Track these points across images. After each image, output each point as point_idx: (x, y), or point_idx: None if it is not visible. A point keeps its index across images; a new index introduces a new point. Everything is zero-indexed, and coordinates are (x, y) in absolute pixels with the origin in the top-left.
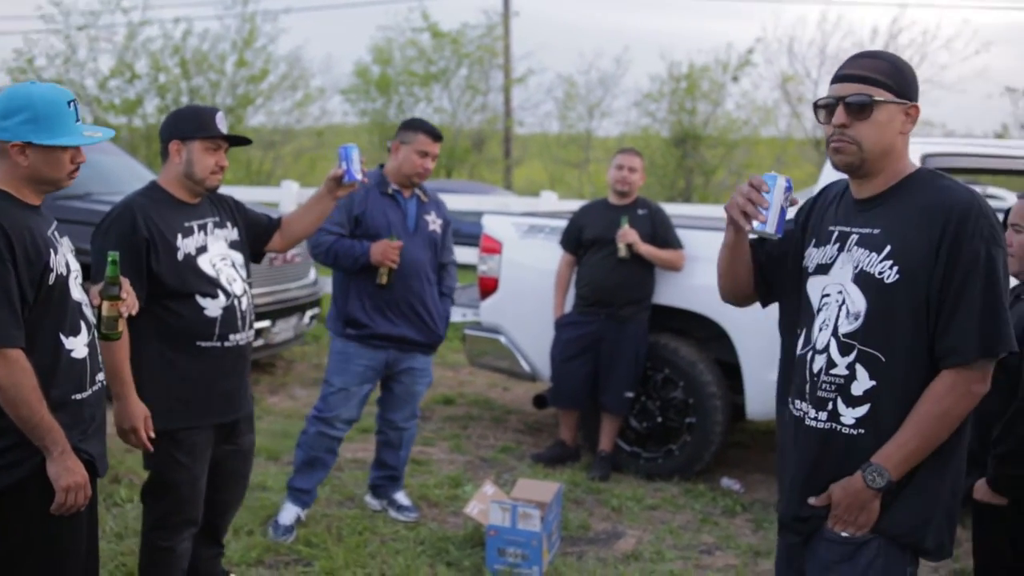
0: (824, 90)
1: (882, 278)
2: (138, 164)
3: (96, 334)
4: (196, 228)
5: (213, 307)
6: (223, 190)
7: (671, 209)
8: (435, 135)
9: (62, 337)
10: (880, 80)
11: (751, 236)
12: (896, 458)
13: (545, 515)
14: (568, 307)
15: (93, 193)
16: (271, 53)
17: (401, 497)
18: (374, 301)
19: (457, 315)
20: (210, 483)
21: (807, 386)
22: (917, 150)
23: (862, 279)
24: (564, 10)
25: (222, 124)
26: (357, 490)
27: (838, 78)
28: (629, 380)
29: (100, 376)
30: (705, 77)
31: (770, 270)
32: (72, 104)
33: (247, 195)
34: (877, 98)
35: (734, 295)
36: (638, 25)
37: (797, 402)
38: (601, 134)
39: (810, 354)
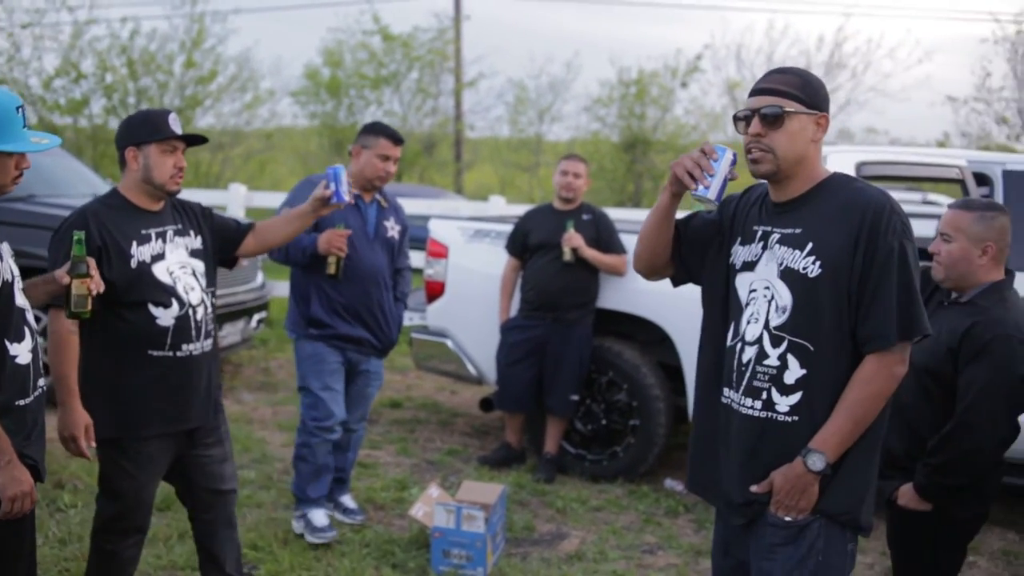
0: None
1: (806, 273)
2: (83, 166)
3: (41, 340)
4: (154, 236)
5: (166, 316)
6: None
7: (619, 214)
8: (396, 139)
9: (7, 343)
10: (791, 93)
11: (694, 203)
12: (832, 442)
13: (489, 516)
14: (513, 311)
15: (36, 195)
16: (220, 54)
17: (347, 500)
18: (332, 304)
19: (404, 319)
20: (187, 499)
21: (734, 375)
22: (851, 159)
23: (787, 275)
24: (515, 14)
25: (176, 125)
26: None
27: (754, 92)
28: (574, 383)
29: (42, 381)
30: (654, 83)
31: (688, 252)
32: (20, 110)
33: (194, 198)
34: (788, 109)
35: (649, 265)
36: (588, 30)
37: (726, 390)
38: (552, 138)
39: (739, 345)
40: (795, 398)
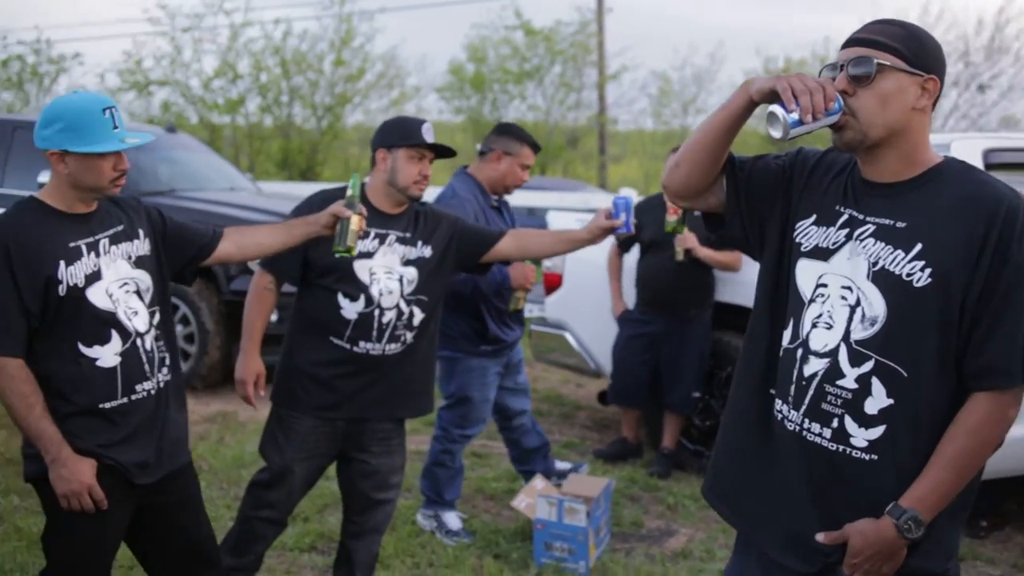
0: None
1: (910, 280)
2: (223, 161)
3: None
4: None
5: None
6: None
7: None
8: (538, 148)
9: (81, 347)
10: (889, 45)
11: (774, 135)
12: (931, 500)
13: (591, 510)
14: (629, 302)
15: (177, 190)
16: (368, 52)
17: (558, 464)
18: (503, 318)
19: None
20: (344, 497)
21: (792, 388)
22: (978, 145)
23: (883, 279)
24: (657, 5)
25: (428, 134)
26: (414, 481)
27: (846, 43)
28: (695, 379)
29: (148, 384)
30: (802, 72)
31: (740, 187)
32: (109, 111)
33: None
34: (883, 62)
35: (686, 183)
36: (733, 20)
37: (779, 403)
38: None
39: (800, 352)
40: (877, 432)
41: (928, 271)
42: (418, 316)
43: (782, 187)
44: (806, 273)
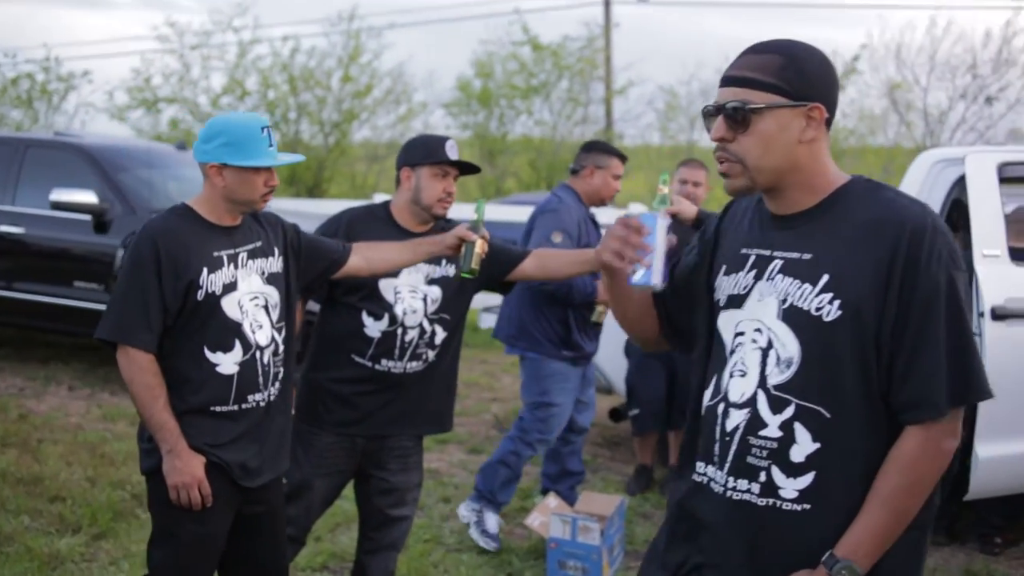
0: (933, 98)
1: (820, 315)
2: None
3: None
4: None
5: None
6: (330, 204)
7: None
8: (624, 158)
9: (206, 351)
10: (764, 81)
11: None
12: (867, 546)
13: (606, 528)
14: None
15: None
16: (375, 68)
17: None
18: (586, 327)
19: None
20: (361, 512)
21: (716, 447)
22: (992, 159)
23: (793, 316)
24: (664, 20)
25: (452, 152)
26: (427, 499)
27: (721, 81)
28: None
29: (258, 396)
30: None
31: (676, 311)
32: (266, 130)
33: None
34: (756, 104)
35: (645, 342)
36: (739, 34)
37: (701, 465)
38: (704, 145)
39: (721, 407)
40: (806, 480)
41: (837, 303)
42: (440, 335)
43: (704, 268)
44: (726, 325)
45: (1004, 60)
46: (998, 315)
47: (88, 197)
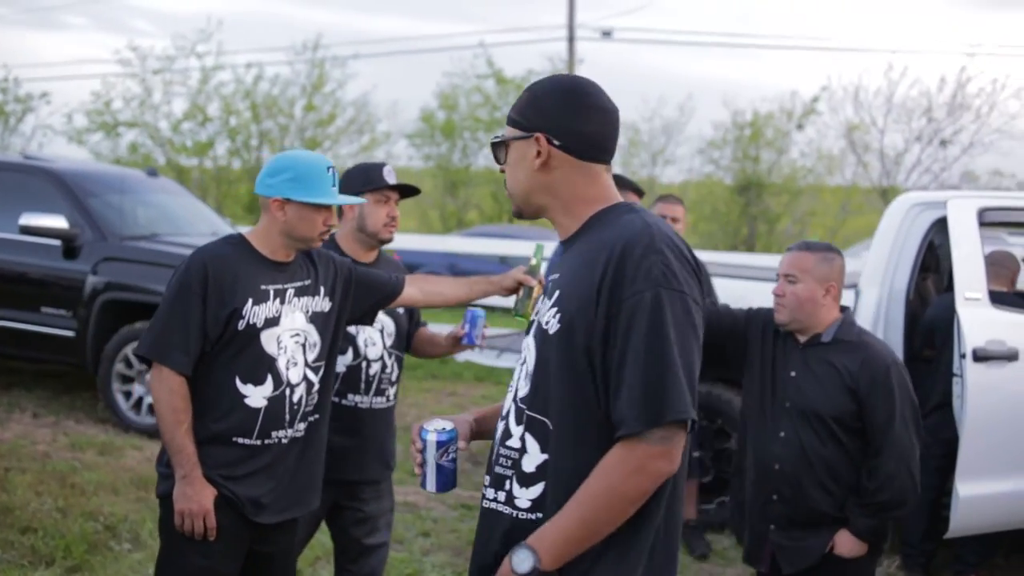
0: (890, 140)
1: (547, 329)
2: (205, 207)
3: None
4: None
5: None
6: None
7: (732, 258)
8: (642, 192)
9: (237, 381)
10: (511, 116)
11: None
12: (549, 540)
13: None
14: None
15: (159, 234)
16: (339, 98)
17: None
18: None
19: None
20: (337, 545)
21: (491, 458)
22: (973, 204)
23: (537, 331)
24: (627, 58)
25: (390, 176)
26: (406, 533)
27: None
28: (693, 440)
29: (281, 433)
30: (769, 125)
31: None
32: (331, 170)
33: None
34: (504, 137)
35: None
36: (701, 73)
37: (486, 479)
38: (665, 181)
39: (502, 424)
40: (537, 490)
41: (558, 317)
42: (396, 370)
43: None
44: (528, 347)
45: (958, 104)
46: (979, 356)
47: (58, 222)
